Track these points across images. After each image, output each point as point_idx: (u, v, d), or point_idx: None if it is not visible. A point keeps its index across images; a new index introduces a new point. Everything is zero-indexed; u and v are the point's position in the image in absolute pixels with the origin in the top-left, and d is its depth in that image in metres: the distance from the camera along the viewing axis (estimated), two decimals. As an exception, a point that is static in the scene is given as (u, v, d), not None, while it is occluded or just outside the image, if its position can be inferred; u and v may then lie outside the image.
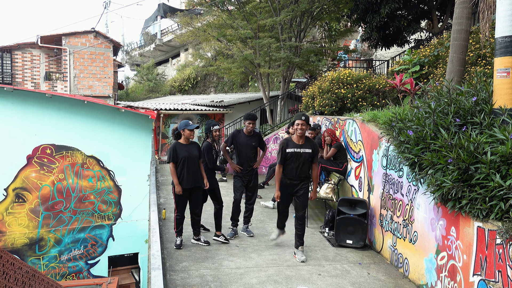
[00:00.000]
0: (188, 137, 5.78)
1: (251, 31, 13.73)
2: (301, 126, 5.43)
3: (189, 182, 5.73)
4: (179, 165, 5.71)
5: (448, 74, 6.85)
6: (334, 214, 6.77)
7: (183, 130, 5.79)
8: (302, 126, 5.43)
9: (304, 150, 5.52)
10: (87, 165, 12.07)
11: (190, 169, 5.75)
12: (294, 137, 5.57)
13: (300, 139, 5.54)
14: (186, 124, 5.78)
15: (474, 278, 3.82)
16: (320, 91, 10.04)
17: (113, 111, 12.23)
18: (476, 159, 3.85)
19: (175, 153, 5.68)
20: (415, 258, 5.04)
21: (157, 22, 31.30)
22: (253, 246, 6.07)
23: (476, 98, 4.63)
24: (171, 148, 5.74)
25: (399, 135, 5.04)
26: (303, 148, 5.52)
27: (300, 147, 5.52)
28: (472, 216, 3.82)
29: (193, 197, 5.85)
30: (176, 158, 5.68)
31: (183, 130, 5.78)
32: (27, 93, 11.65)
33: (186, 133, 5.77)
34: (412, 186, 5.15)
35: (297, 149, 5.51)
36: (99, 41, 21.26)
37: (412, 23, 13.45)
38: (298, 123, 5.45)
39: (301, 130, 5.46)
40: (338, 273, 5.22)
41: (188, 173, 5.72)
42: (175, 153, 5.68)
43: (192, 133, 5.77)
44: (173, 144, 5.79)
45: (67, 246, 11.89)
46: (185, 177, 5.70)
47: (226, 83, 25.96)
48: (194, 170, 5.79)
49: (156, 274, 4.18)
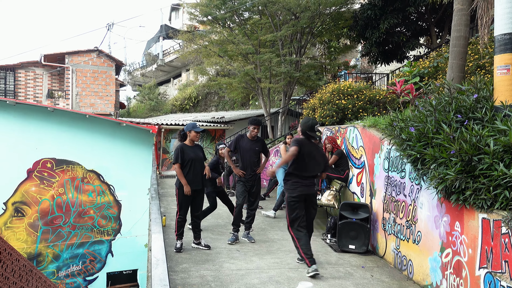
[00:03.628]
0: (194, 139, 5.79)
1: (252, 47, 13.90)
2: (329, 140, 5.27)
3: (195, 184, 5.71)
4: (186, 166, 5.69)
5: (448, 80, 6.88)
6: (336, 221, 6.69)
7: (189, 132, 5.78)
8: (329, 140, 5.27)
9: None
10: (87, 179, 12.01)
11: (197, 170, 5.75)
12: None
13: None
14: (194, 125, 5.79)
15: (480, 271, 3.74)
16: (321, 103, 10.08)
17: (114, 126, 12.25)
18: (479, 150, 3.83)
19: (182, 154, 5.66)
20: (419, 259, 4.95)
21: (159, 43, 31.73)
22: (254, 251, 5.98)
23: (477, 95, 4.64)
24: (177, 148, 5.71)
25: (401, 133, 5.03)
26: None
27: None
28: (476, 207, 3.77)
29: (196, 199, 5.82)
30: (183, 159, 5.66)
31: (190, 132, 5.78)
32: (29, 107, 11.70)
33: (192, 135, 5.77)
34: (414, 186, 5.10)
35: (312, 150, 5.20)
36: (101, 59, 21.52)
37: (411, 39, 13.62)
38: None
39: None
40: (341, 275, 5.12)
41: (194, 175, 5.71)
42: (182, 154, 5.66)
43: (198, 136, 5.79)
44: (179, 145, 5.76)
45: (66, 262, 11.71)
46: (191, 179, 5.67)
47: (227, 102, 26.11)
48: (200, 172, 5.80)
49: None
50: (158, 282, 3.11)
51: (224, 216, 8.21)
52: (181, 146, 5.74)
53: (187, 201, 5.73)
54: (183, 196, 5.69)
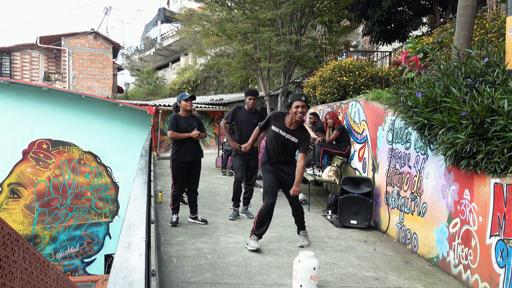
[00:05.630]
0: (185, 108, 5.57)
1: (251, 26, 13.58)
2: (302, 109, 4.41)
3: (188, 155, 5.51)
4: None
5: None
6: (337, 197, 6.49)
7: (179, 102, 5.61)
8: (302, 109, 4.42)
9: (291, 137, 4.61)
10: (84, 161, 11.80)
11: (191, 142, 5.54)
12: (288, 120, 4.63)
13: (292, 124, 4.59)
14: (182, 95, 5.62)
15: (491, 239, 3.54)
16: (322, 80, 9.82)
17: (110, 106, 12.02)
18: (491, 112, 3.60)
19: (176, 123, 5.47)
20: (424, 231, 4.76)
21: (157, 27, 31.27)
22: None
23: (488, 59, 4.40)
24: (171, 118, 5.53)
25: (407, 100, 4.80)
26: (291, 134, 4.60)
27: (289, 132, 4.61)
28: (489, 172, 3.56)
29: (191, 172, 5.62)
30: (176, 128, 5.47)
31: (180, 102, 5.60)
32: (24, 87, 11.46)
33: (182, 105, 5.58)
34: (420, 156, 4.89)
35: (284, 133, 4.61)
36: (98, 42, 21.16)
37: (414, 18, 13.30)
38: (298, 105, 4.42)
39: (301, 114, 4.44)
40: (342, 249, 4.94)
41: (188, 146, 5.51)
42: (175, 123, 5.48)
43: (189, 104, 5.54)
44: (173, 115, 5.58)
45: (63, 244, 11.55)
46: (184, 151, 5.48)
47: (226, 86, 25.80)
48: (194, 144, 5.59)
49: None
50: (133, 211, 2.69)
51: (222, 194, 8.02)
52: (175, 115, 5.56)
53: (181, 174, 5.53)
54: (177, 169, 5.51)
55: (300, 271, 3.57)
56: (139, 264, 0.82)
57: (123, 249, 0.95)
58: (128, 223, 1.13)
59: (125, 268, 0.79)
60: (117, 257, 0.89)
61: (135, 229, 1.04)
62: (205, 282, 3.70)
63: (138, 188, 1.73)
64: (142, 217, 1.17)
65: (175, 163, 5.51)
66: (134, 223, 1.09)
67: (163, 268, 3.97)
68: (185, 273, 3.88)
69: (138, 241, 0.97)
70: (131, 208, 1.32)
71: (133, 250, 0.91)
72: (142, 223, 1.09)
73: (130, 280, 0.72)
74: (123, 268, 0.79)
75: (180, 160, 5.50)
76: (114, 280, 0.72)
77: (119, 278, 0.72)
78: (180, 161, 5.50)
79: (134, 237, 1.00)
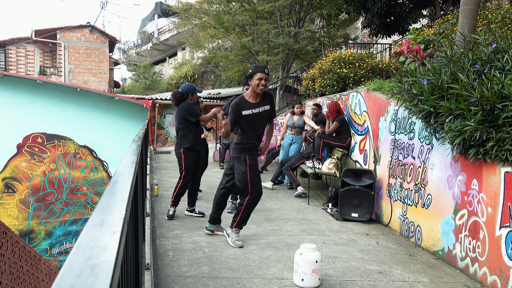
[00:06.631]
0: (195, 101, 5.52)
1: (249, 18, 13.37)
2: (264, 82, 4.21)
3: (198, 145, 5.42)
4: (192, 126, 5.34)
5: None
6: (337, 190, 6.33)
7: (192, 95, 5.45)
8: (265, 82, 4.22)
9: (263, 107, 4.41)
10: (80, 155, 11.62)
11: (199, 132, 5.49)
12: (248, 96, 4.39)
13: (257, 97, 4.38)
14: (194, 88, 5.46)
15: (501, 231, 3.39)
16: (321, 72, 9.64)
17: (106, 100, 11.82)
18: (502, 98, 3.44)
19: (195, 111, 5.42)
20: (428, 224, 4.60)
21: (154, 21, 30.94)
22: (251, 219, 5.58)
23: (496, 45, 4.23)
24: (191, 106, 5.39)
25: (411, 88, 4.62)
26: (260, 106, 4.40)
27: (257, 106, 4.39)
28: (499, 161, 3.40)
29: (198, 162, 5.55)
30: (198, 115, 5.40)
31: (192, 95, 5.46)
32: (18, 80, 11.23)
33: (194, 98, 5.54)
34: (424, 146, 4.72)
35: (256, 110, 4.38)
36: (94, 36, 20.88)
37: (414, 10, 13.10)
38: (261, 77, 4.19)
39: (262, 87, 4.23)
40: (344, 242, 4.78)
41: (197, 136, 5.42)
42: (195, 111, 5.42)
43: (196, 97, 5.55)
44: (189, 104, 5.40)
45: (59, 239, 11.38)
46: (194, 140, 5.34)
47: (223, 81, 25.57)
48: (200, 134, 5.56)
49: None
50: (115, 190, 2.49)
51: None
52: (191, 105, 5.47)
53: (193, 164, 5.37)
54: (191, 159, 5.32)
55: (301, 264, 3.41)
56: (110, 243, 0.65)
57: (93, 226, 0.78)
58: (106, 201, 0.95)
59: (90, 248, 0.61)
60: (83, 235, 0.72)
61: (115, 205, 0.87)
62: (202, 276, 3.54)
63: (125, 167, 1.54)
64: (124, 194, 1.00)
65: (189, 154, 5.31)
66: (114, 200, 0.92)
67: (158, 262, 3.81)
68: (181, 267, 3.72)
69: (115, 218, 0.80)
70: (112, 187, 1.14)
71: (106, 227, 0.75)
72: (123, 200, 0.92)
73: (93, 262, 0.55)
74: (87, 248, 0.62)
75: (194, 148, 5.35)
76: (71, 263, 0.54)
77: (80, 261, 0.55)
78: (194, 150, 5.35)
79: (111, 215, 0.83)
